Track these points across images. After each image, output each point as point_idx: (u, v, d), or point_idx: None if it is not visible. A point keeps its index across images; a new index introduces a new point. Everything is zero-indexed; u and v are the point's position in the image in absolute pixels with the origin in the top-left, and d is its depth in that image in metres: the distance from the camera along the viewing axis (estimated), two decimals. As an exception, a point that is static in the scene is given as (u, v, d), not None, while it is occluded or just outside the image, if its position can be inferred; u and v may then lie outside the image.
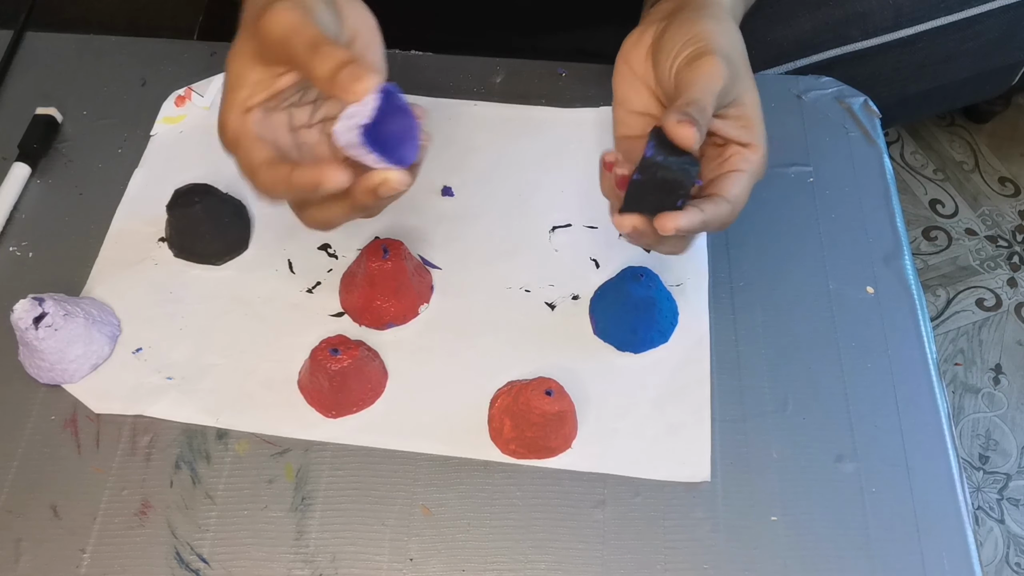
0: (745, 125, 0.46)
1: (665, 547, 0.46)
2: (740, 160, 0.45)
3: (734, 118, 0.46)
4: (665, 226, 0.42)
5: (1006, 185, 1.51)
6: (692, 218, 0.43)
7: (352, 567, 0.45)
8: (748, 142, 0.46)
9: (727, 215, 0.45)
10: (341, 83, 0.38)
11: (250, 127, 0.42)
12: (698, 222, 0.43)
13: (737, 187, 0.45)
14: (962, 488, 0.48)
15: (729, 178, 0.45)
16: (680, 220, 0.42)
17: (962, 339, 1.34)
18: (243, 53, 0.42)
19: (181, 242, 0.55)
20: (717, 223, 0.45)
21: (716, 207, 0.44)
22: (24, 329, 0.48)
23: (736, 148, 0.46)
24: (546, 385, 0.46)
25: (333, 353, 0.47)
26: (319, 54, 0.39)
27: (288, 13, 0.40)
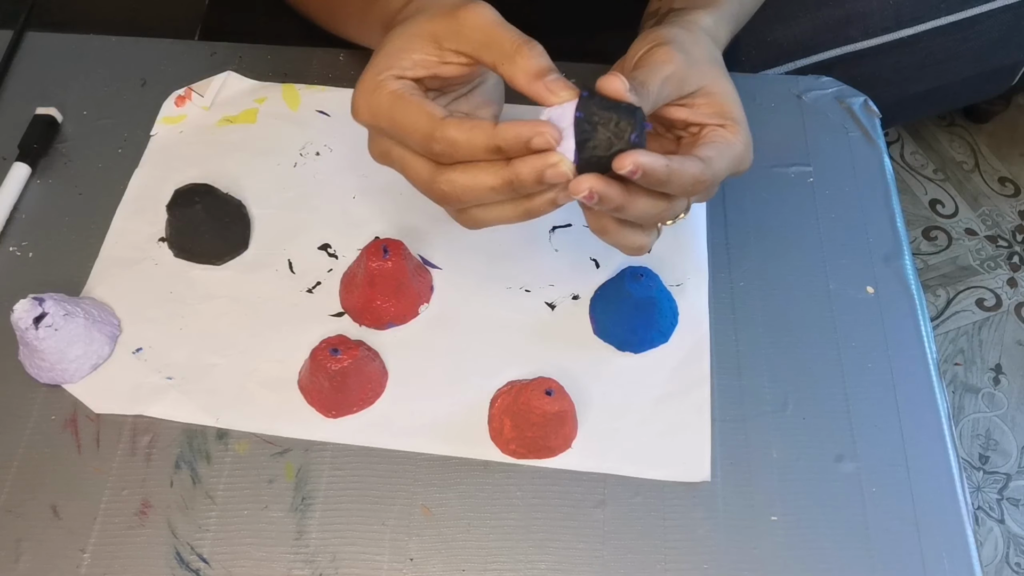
0: (717, 111, 0.46)
1: (665, 547, 0.46)
2: (715, 135, 0.46)
3: (702, 105, 0.46)
4: (622, 162, 0.40)
5: (1006, 185, 1.51)
6: (654, 158, 0.40)
7: (352, 567, 0.45)
8: (722, 123, 0.46)
9: (697, 171, 0.42)
10: (547, 85, 0.41)
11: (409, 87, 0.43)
12: (662, 165, 0.41)
13: (711, 151, 0.44)
14: (962, 488, 0.48)
15: (703, 145, 0.45)
16: (639, 156, 0.40)
17: (962, 339, 1.34)
18: (415, 33, 0.43)
19: (181, 242, 0.55)
20: (685, 177, 0.42)
21: (683, 160, 0.42)
22: (24, 329, 0.48)
23: (713, 128, 0.46)
24: (546, 385, 0.46)
25: (333, 353, 0.47)
26: (525, 54, 0.42)
27: (493, 11, 0.43)
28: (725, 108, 0.46)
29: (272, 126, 0.62)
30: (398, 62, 0.43)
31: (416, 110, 0.42)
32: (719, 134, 0.46)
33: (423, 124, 0.41)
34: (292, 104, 0.63)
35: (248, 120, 0.62)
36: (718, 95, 0.46)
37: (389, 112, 0.42)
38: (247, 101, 0.63)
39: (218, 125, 0.62)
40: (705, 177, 0.43)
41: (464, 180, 0.42)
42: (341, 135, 0.61)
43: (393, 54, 0.43)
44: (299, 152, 0.61)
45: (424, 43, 0.43)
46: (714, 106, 0.46)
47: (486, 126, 0.40)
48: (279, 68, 0.65)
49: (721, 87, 0.47)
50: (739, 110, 0.47)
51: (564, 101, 0.41)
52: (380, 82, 0.43)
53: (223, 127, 0.62)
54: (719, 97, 0.46)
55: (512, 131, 0.40)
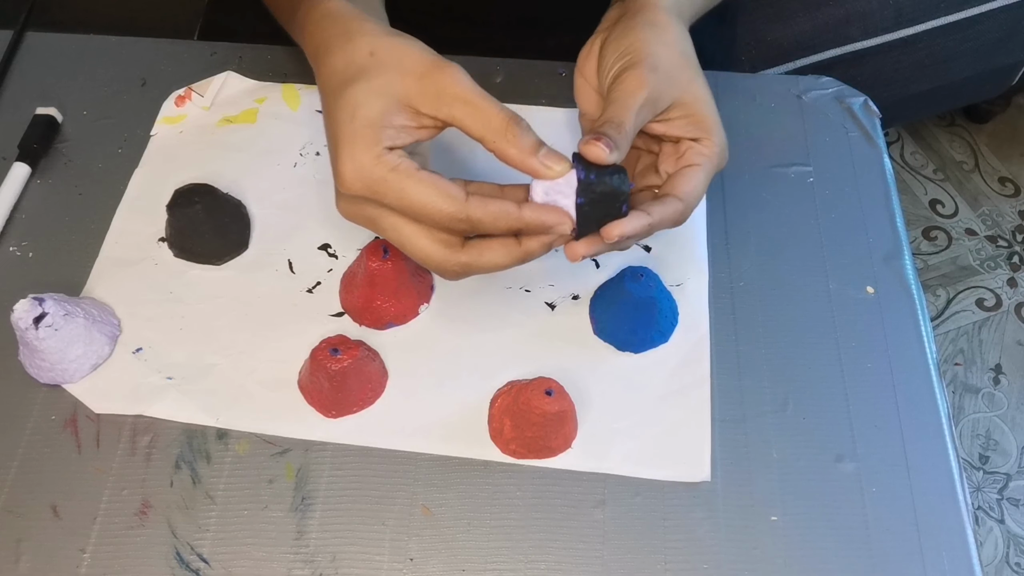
0: (693, 122, 0.47)
1: (665, 547, 0.46)
2: (694, 154, 0.47)
3: (677, 118, 0.47)
4: (610, 233, 0.43)
5: (1006, 185, 1.51)
6: (637, 222, 0.44)
7: (352, 567, 0.45)
8: (698, 136, 0.47)
9: (678, 214, 0.46)
10: (543, 161, 0.42)
11: (410, 163, 0.42)
12: (644, 225, 0.44)
13: (689, 183, 0.46)
14: (962, 488, 0.48)
15: (682, 175, 0.47)
16: (625, 226, 0.44)
17: (962, 339, 1.34)
18: (391, 96, 0.42)
19: (181, 242, 0.55)
20: (668, 222, 0.46)
21: (664, 207, 0.45)
22: (24, 329, 0.48)
23: (688, 143, 0.47)
24: (546, 385, 0.46)
25: (333, 353, 0.47)
26: (516, 133, 0.42)
27: (466, 74, 0.43)
28: (698, 117, 0.47)
29: (272, 126, 0.62)
30: (385, 132, 0.42)
31: (435, 192, 0.41)
32: (696, 152, 0.47)
33: (446, 206, 0.41)
34: (292, 104, 0.63)
35: (248, 120, 0.62)
36: (690, 104, 0.47)
37: (399, 190, 0.41)
38: (247, 101, 0.63)
39: (218, 125, 0.62)
40: (687, 212, 0.46)
41: (482, 263, 0.44)
42: (341, 135, 0.61)
43: (377, 124, 0.42)
44: (299, 152, 0.61)
45: (401, 108, 0.42)
46: (688, 117, 0.47)
47: (511, 208, 0.42)
48: (279, 68, 0.65)
49: (693, 93, 0.47)
50: (712, 113, 0.48)
51: (559, 175, 0.43)
52: (378, 157, 0.41)
53: (223, 127, 0.62)
54: (691, 107, 0.47)
55: (538, 217, 0.43)
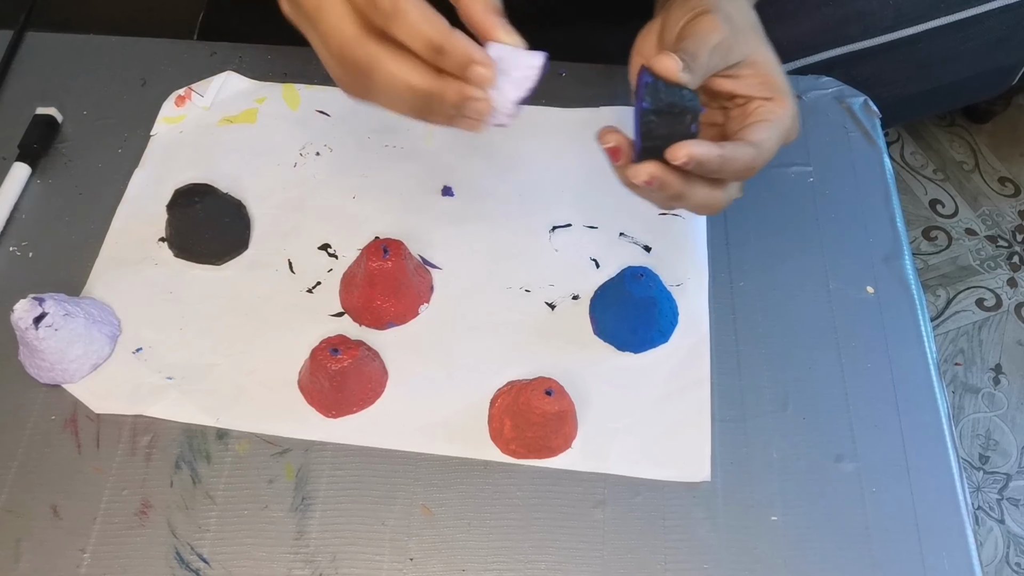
0: (763, 81, 0.46)
1: (665, 547, 0.46)
2: (766, 111, 0.46)
3: (748, 76, 0.46)
4: (676, 154, 0.42)
5: (1006, 185, 1.51)
6: (708, 149, 0.42)
7: (352, 567, 0.45)
8: (769, 96, 0.46)
9: (749, 159, 0.44)
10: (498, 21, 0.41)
11: None
12: (715, 155, 0.43)
13: (761, 133, 0.45)
14: (962, 488, 0.48)
15: (755, 126, 0.45)
16: (693, 147, 0.42)
17: (962, 339, 1.34)
18: None
19: (181, 242, 0.55)
20: (738, 164, 0.44)
21: (736, 147, 0.44)
22: (24, 329, 0.48)
23: (759, 102, 0.46)
24: (546, 385, 0.46)
25: (333, 353, 0.47)
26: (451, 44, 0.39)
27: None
28: (770, 79, 0.46)
29: (272, 126, 0.62)
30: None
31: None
32: (767, 109, 0.46)
33: None
34: (292, 104, 0.63)
35: (248, 120, 0.62)
36: (762, 64, 0.46)
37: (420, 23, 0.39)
38: (247, 101, 0.63)
39: (218, 125, 0.62)
40: (758, 162, 0.45)
41: (391, 66, 0.39)
42: (341, 135, 0.61)
43: None
44: (299, 152, 0.61)
45: None
46: (759, 76, 0.46)
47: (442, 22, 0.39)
48: (279, 68, 0.65)
49: (764, 56, 0.46)
50: (783, 80, 0.47)
51: (508, 43, 0.40)
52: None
53: (223, 127, 0.62)
54: (764, 67, 0.46)
55: (463, 45, 0.39)
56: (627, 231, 0.57)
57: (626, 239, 0.56)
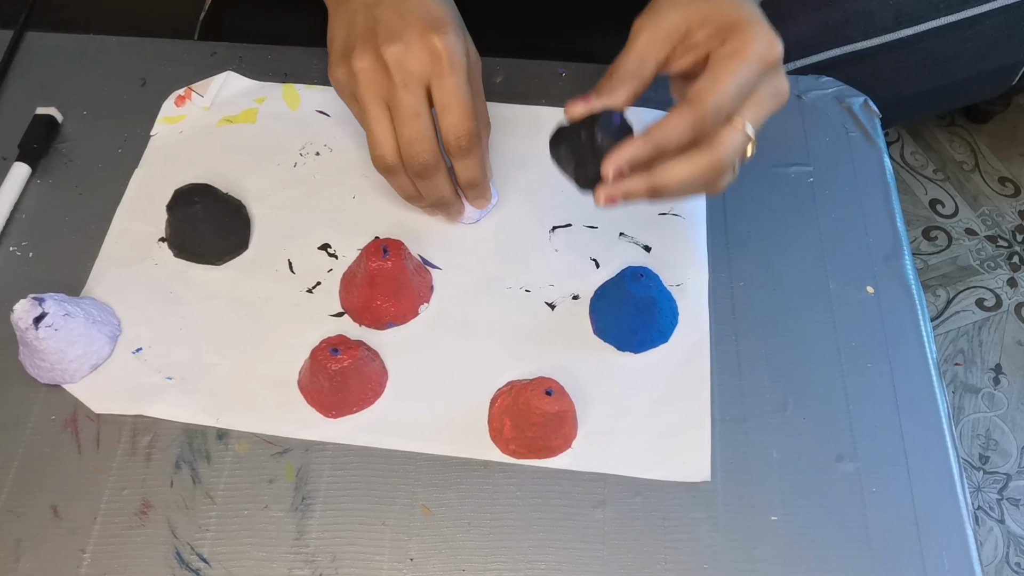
0: (716, 26, 0.45)
1: (665, 547, 0.46)
2: (713, 57, 0.45)
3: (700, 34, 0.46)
4: (606, 170, 0.44)
5: (1006, 185, 1.51)
6: (632, 147, 0.44)
7: (352, 567, 0.45)
8: (722, 38, 0.45)
9: (690, 120, 0.43)
10: None
11: None
12: (640, 146, 0.44)
13: (701, 82, 0.44)
14: (962, 488, 0.48)
15: (692, 85, 0.44)
16: (615, 157, 0.44)
17: (962, 339, 1.34)
18: None
19: (181, 242, 0.55)
20: (676, 132, 0.44)
21: (667, 120, 0.44)
22: (24, 329, 0.48)
23: (714, 51, 0.45)
24: (546, 385, 0.46)
25: (333, 353, 0.47)
26: None
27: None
28: (723, 21, 0.45)
29: (272, 126, 0.62)
30: None
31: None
32: (717, 53, 0.44)
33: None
34: (292, 104, 0.63)
35: (248, 120, 0.62)
36: (717, 13, 0.45)
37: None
38: (247, 101, 0.63)
39: (218, 125, 0.62)
40: (702, 113, 0.43)
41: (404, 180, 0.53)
42: (341, 135, 0.61)
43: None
44: (299, 152, 0.61)
45: None
46: (710, 26, 0.45)
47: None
48: (279, 68, 0.65)
49: (727, 4, 0.45)
50: (744, 11, 0.45)
51: None
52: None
53: (223, 127, 0.62)
54: (719, 13, 0.45)
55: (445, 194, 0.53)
56: (627, 231, 0.57)
57: (626, 239, 0.56)
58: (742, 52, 0.44)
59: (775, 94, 0.46)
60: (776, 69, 0.46)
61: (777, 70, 0.46)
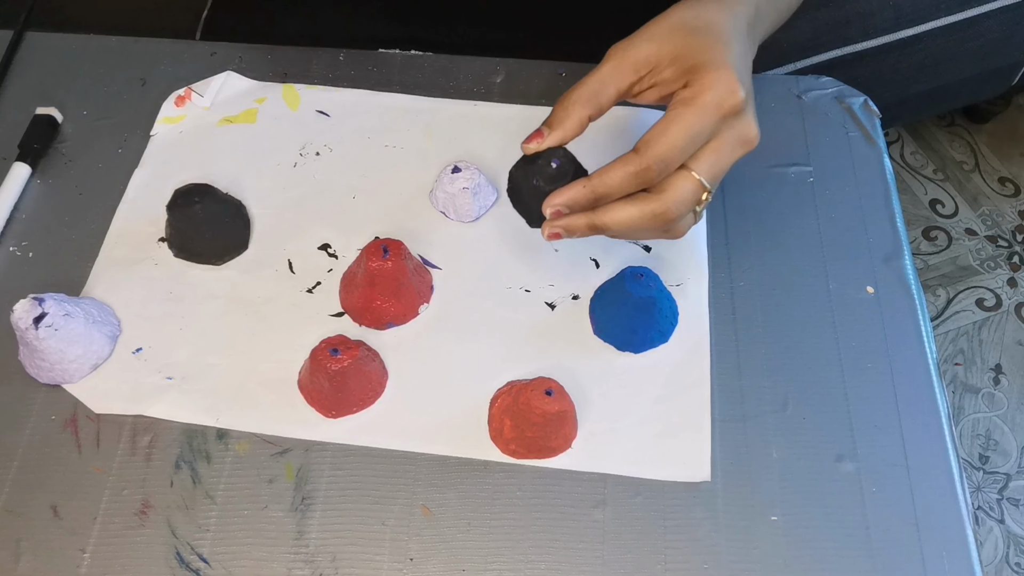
0: (681, 70, 0.45)
1: (665, 547, 0.46)
2: (675, 101, 0.44)
3: (667, 71, 0.46)
4: (545, 212, 0.46)
5: (1006, 185, 1.51)
6: (569, 191, 0.45)
7: (352, 567, 0.45)
8: (687, 80, 0.45)
9: (631, 172, 0.44)
10: None
11: None
12: (578, 190, 0.45)
13: (652, 131, 0.44)
14: (962, 488, 0.48)
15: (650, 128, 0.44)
16: (554, 197, 0.46)
17: (962, 339, 1.34)
18: None
19: (181, 242, 0.55)
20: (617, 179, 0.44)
21: (610, 167, 0.45)
22: (24, 329, 0.48)
23: (677, 92, 0.45)
24: (546, 385, 0.46)
25: (333, 353, 0.47)
26: None
27: None
28: (691, 62, 0.44)
29: (272, 126, 0.62)
30: None
31: None
32: (675, 98, 0.44)
33: None
34: (292, 104, 0.63)
35: (248, 120, 0.62)
36: (687, 53, 0.45)
37: None
38: (247, 101, 0.63)
39: (218, 125, 0.62)
40: (646, 164, 0.43)
41: None
42: (341, 135, 0.61)
43: None
44: (299, 152, 0.61)
45: None
46: (678, 65, 0.45)
47: None
48: (279, 68, 0.65)
49: (697, 43, 0.45)
50: (714, 53, 0.44)
51: None
52: None
53: (223, 127, 0.62)
54: (687, 51, 0.45)
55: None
56: (627, 231, 0.57)
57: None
58: (698, 100, 0.44)
59: (739, 141, 0.45)
60: (738, 115, 0.45)
61: (740, 116, 0.45)
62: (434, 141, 0.61)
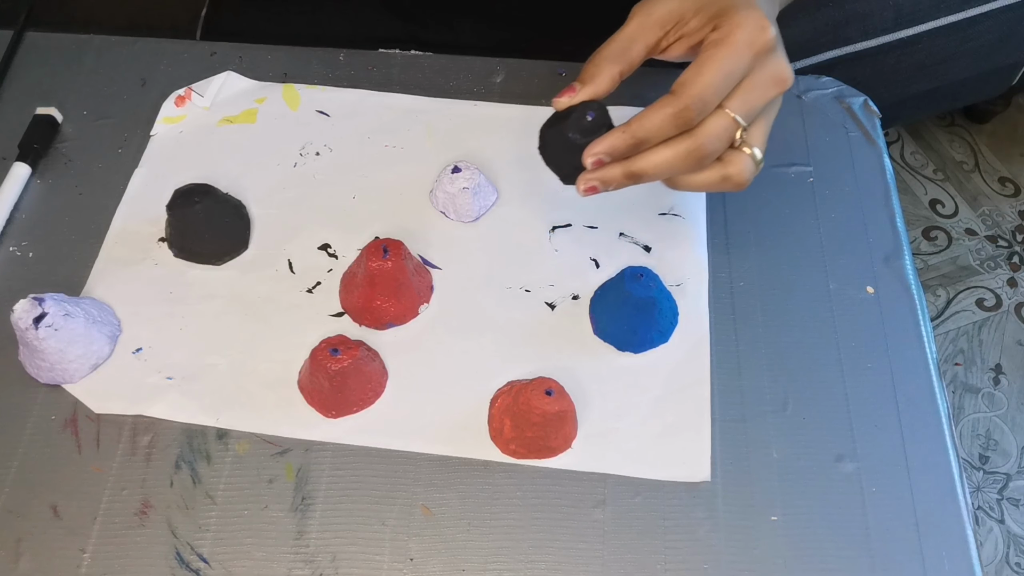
0: (709, 17, 0.45)
1: (665, 547, 0.46)
2: (705, 45, 0.45)
3: (693, 22, 0.46)
4: (585, 160, 0.45)
5: (1006, 185, 1.51)
6: (610, 138, 0.45)
7: (352, 567, 0.45)
8: (713, 24, 0.45)
9: (669, 114, 0.44)
10: None
11: None
12: (618, 137, 0.45)
13: (687, 73, 0.44)
14: (962, 488, 0.48)
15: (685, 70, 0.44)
16: (595, 146, 0.45)
17: (962, 339, 1.34)
18: None
19: (181, 242, 0.55)
20: (657, 122, 0.44)
21: (648, 110, 0.44)
22: (24, 329, 0.48)
23: (705, 39, 0.45)
24: (546, 385, 0.46)
25: (333, 353, 0.47)
26: None
27: None
28: (716, 7, 0.45)
29: (272, 126, 0.62)
30: None
31: None
32: (708, 40, 0.45)
33: None
34: (292, 104, 0.63)
35: (248, 120, 0.62)
36: (712, 2, 0.45)
37: None
38: (247, 101, 0.63)
39: (218, 125, 0.62)
40: (684, 104, 0.44)
41: None
42: (341, 135, 0.61)
43: None
44: (299, 152, 0.61)
45: None
46: (704, 13, 0.45)
47: None
48: (279, 68, 0.65)
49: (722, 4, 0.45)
50: (735, 5, 0.45)
51: None
52: None
53: (223, 127, 0.62)
54: (709, 1, 0.45)
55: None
56: (627, 231, 0.57)
57: (626, 239, 0.56)
58: (729, 40, 0.44)
59: (772, 80, 0.46)
60: (770, 53, 0.45)
61: (771, 54, 0.45)
62: (434, 141, 0.61)
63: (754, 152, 0.47)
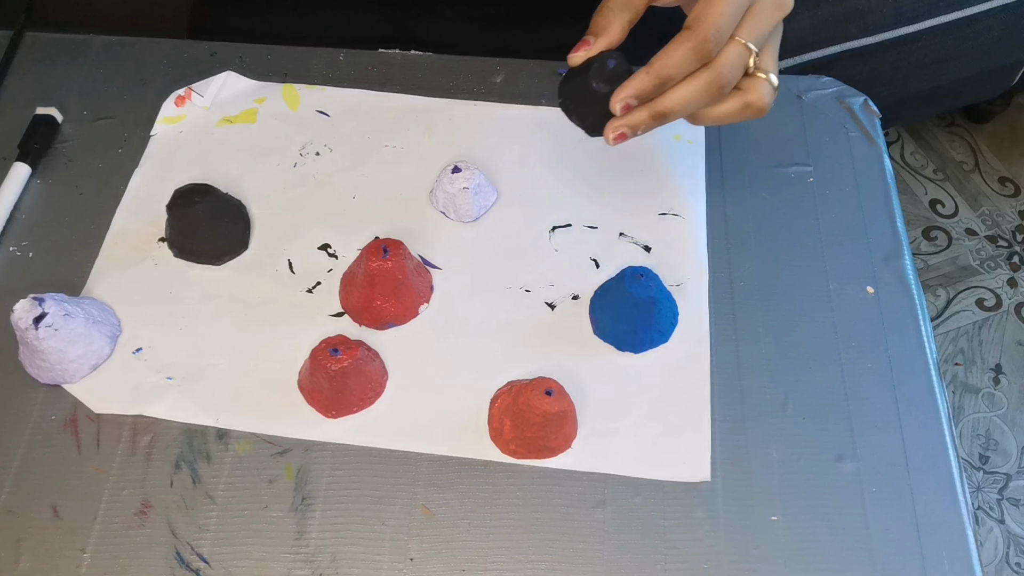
0: None
1: (665, 547, 0.46)
2: None
3: None
4: (614, 106, 0.46)
5: (1006, 185, 1.51)
6: (635, 80, 0.45)
7: (352, 567, 0.45)
8: None
9: (689, 48, 0.45)
10: None
11: None
12: (643, 79, 0.45)
13: (701, 7, 0.45)
14: (962, 488, 0.48)
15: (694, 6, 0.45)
16: (622, 90, 0.46)
17: (962, 339, 1.34)
18: None
19: (181, 242, 0.55)
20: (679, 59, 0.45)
21: (666, 49, 0.45)
22: (24, 329, 0.48)
23: None
24: (546, 385, 0.46)
25: (333, 353, 0.47)
26: None
27: None
28: None
29: (272, 126, 0.62)
30: None
31: None
32: None
33: None
34: (292, 104, 0.63)
35: (248, 120, 0.62)
36: None
37: None
38: (247, 101, 0.63)
39: (218, 125, 0.62)
40: (703, 37, 0.45)
41: None
42: (341, 135, 0.61)
43: None
44: (299, 152, 0.61)
45: None
46: None
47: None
48: (279, 68, 0.65)
49: None
50: None
51: None
52: None
53: (223, 127, 0.62)
54: None
55: None
56: (627, 231, 0.57)
57: (626, 239, 0.56)
58: None
59: (775, 4, 0.47)
60: None
61: None
62: (434, 141, 0.61)
63: (770, 78, 0.48)
